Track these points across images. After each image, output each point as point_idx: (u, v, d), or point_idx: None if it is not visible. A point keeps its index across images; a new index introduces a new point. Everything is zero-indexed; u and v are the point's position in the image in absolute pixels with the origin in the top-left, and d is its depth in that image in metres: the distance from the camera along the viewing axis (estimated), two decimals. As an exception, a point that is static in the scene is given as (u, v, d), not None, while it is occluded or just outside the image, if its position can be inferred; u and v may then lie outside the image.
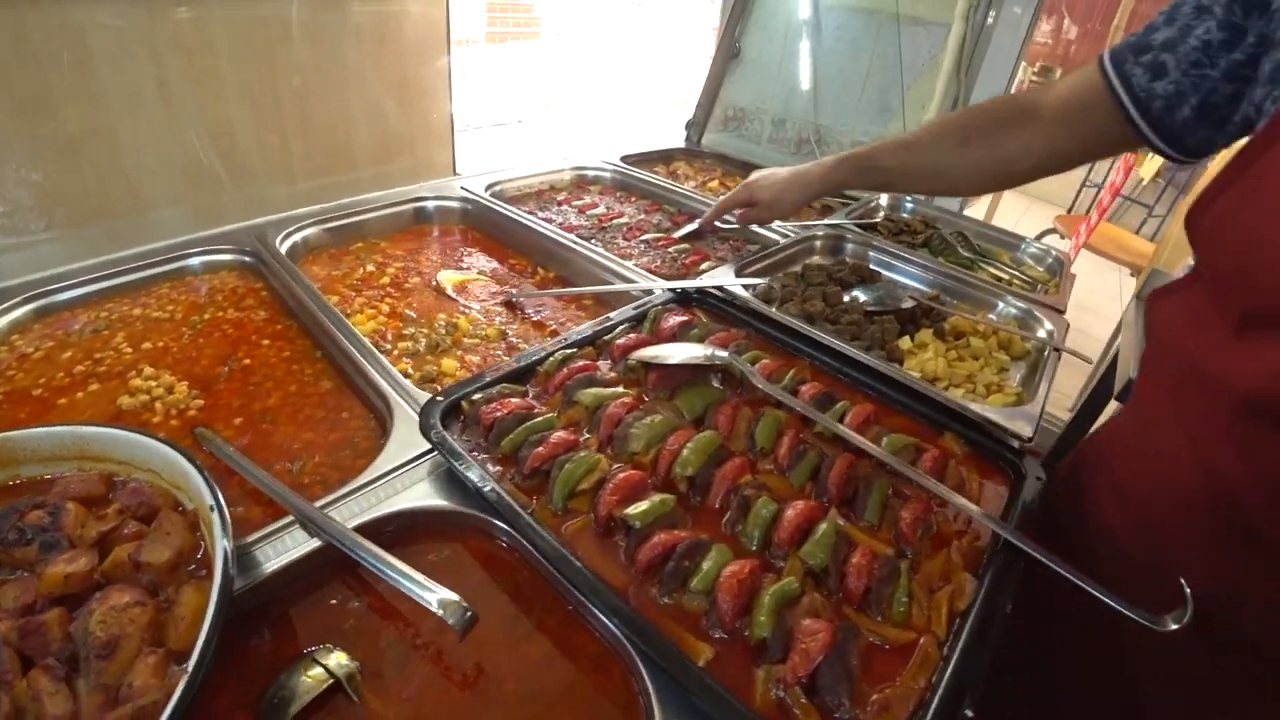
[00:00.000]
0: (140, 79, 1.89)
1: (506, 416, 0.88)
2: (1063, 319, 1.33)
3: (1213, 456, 0.69)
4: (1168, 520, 0.76)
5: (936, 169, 1.11)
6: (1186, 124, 0.81)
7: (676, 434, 0.85)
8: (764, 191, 1.33)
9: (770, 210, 1.35)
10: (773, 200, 1.32)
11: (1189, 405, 0.73)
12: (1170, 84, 0.80)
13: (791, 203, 1.31)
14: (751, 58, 2.18)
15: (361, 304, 1.35)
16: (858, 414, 0.91)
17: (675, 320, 1.07)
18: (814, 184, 1.27)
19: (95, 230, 1.86)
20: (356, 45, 2.62)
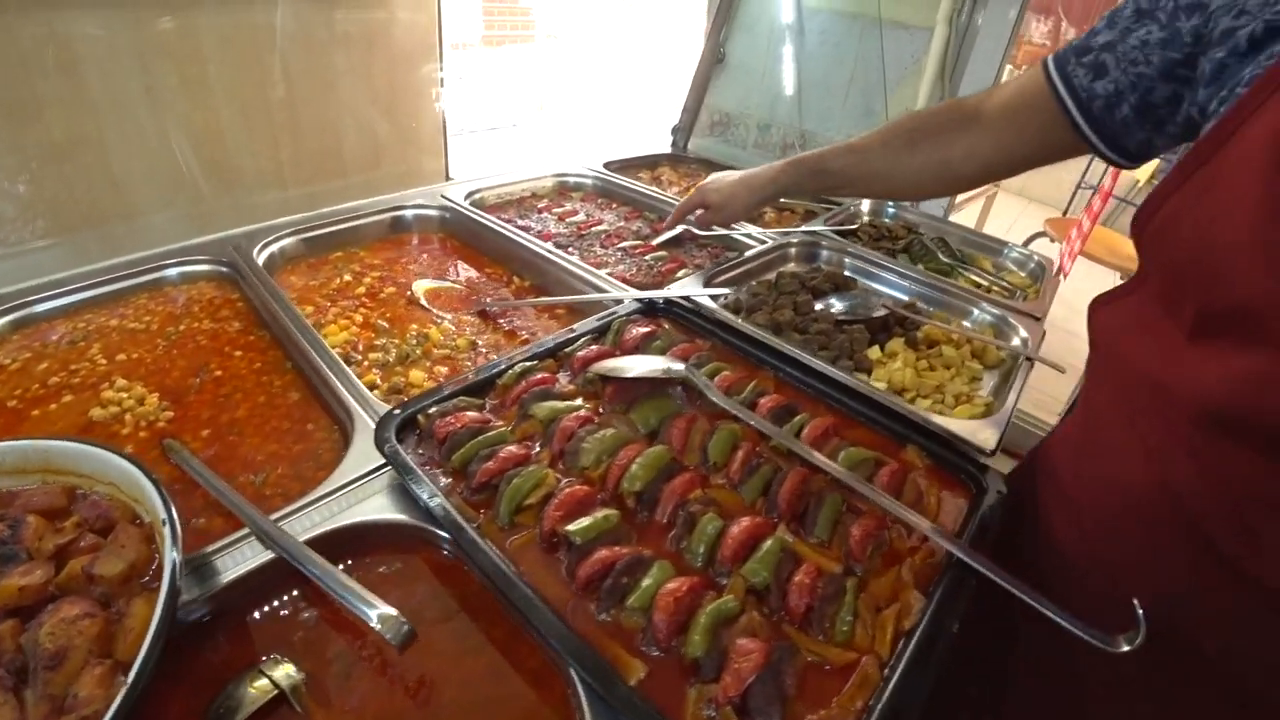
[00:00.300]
0: (128, 86, 1.91)
1: (459, 430, 0.88)
2: (1039, 326, 1.32)
3: (1168, 468, 0.68)
4: (1119, 533, 0.75)
5: (883, 172, 1.11)
6: (1126, 124, 0.81)
7: (627, 448, 0.85)
8: (714, 194, 1.33)
9: (721, 213, 1.34)
10: (722, 203, 1.32)
11: (1141, 415, 0.72)
12: (1110, 83, 0.80)
13: (742, 205, 1.30)
14: (736, 62, 2.18)
15: (335, 314, 1.36)
16: (815, 427, 0.91)
17: (638, 331, 1.07)
18: (763, 187, 1.26)
19: (85, 237, 1.88)
20: (346, 53, 2.64)
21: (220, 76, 2.28)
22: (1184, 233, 0.64)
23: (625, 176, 2.02)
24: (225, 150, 2.37)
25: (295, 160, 2.65)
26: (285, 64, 2.44)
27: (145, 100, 2.01)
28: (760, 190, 1.27)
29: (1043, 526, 0.86)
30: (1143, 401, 0.72)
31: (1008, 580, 0.70)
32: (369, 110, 2.82)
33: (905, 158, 1.07)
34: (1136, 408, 0.73)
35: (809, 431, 0.90)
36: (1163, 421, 0.68)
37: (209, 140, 2.29)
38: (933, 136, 1.04)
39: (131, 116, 1.96)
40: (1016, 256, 1.68)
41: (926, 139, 1.04)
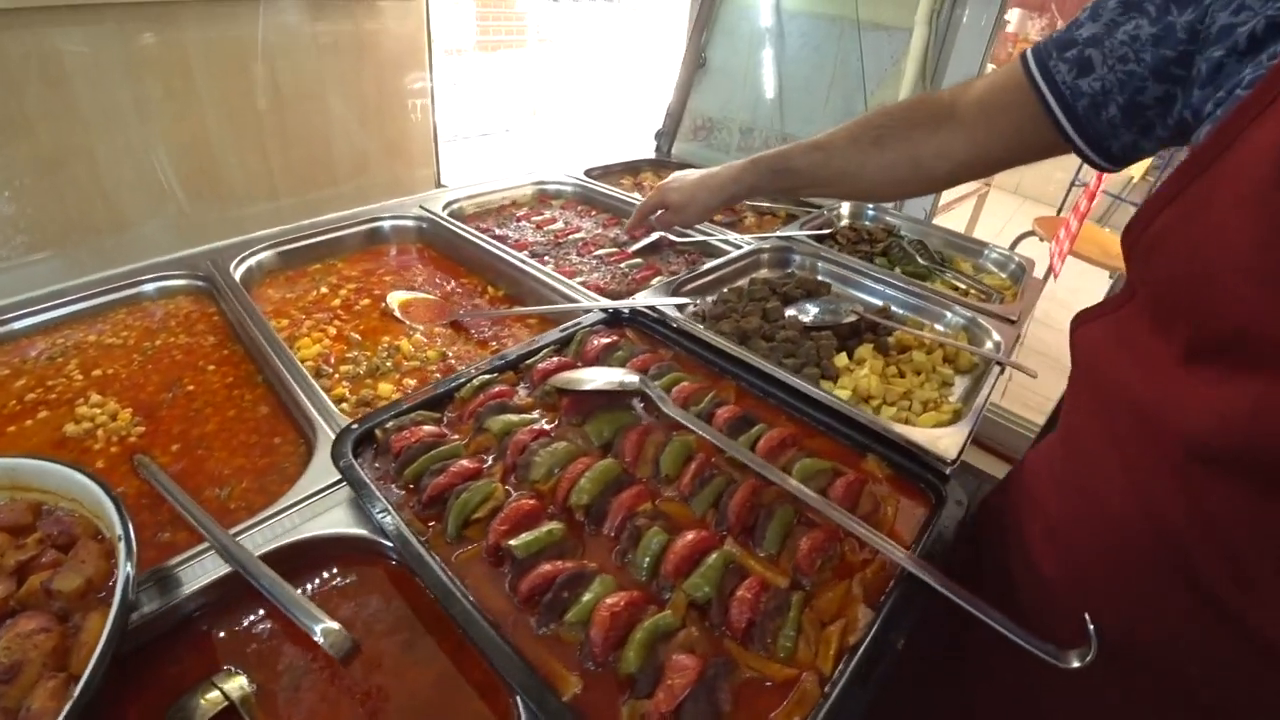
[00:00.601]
0: (116, 99, 1.93)
1: (413, 444, 0.89)
2: (1014, 329, 1.31)
3: (1154, 500, 0.64)
4: (1100, 560, 0.72)
5: (850, 171, 1.04)
6: (1113, 125, 0.75)
7: (579, 461, 0.85)
8: (674, 194, 1.27)
9: (681, 214, 1.28)
10: (682, 203, 1.26)
11: (1126, 441, 0.67)
12: (1096, 80, 0.74)
13: (702, 206, 1.24)
14: (718, 66, 2.18)
15: (310, 327, 1.37)
16: (772, 438, 0.90)
17: (600, 343, 1.07)
18: (723, 187, 1.20)
19: (77, 250, 1.90)
20: (334, 62, 2.66)
21: (209, 88, 2.30)
22: (1179, 249, 0.59)
23: (606, 183, 2.02)
24: (214, 161, 2.39)
25: (285, 170, 2.67)
26: (273, 75, 2.47)
27: (134, 113, 2.03)
28: (720, 191, 1.20)
29: (1016, 549, 0.84)
30: (1127, 427, 0.67)
31: (955, 592, 0.69)
32: (358, 119, 2.84)
33: (873, 156, 1.00)
34: (1120, 433, 0.68)
35: (764, 443, 0.90)
36: (1149, 450, 0.64)
37: (199, 151, 2.31)
38: (902, 133, 0.97)
39: (120, 129, 1.99)
40: (997, 258, 1.67)
41: (895, 136, 0.98)
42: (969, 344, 1.27)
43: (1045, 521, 0.82)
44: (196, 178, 2.36)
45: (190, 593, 0.79)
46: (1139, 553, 0.67)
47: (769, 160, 1.12)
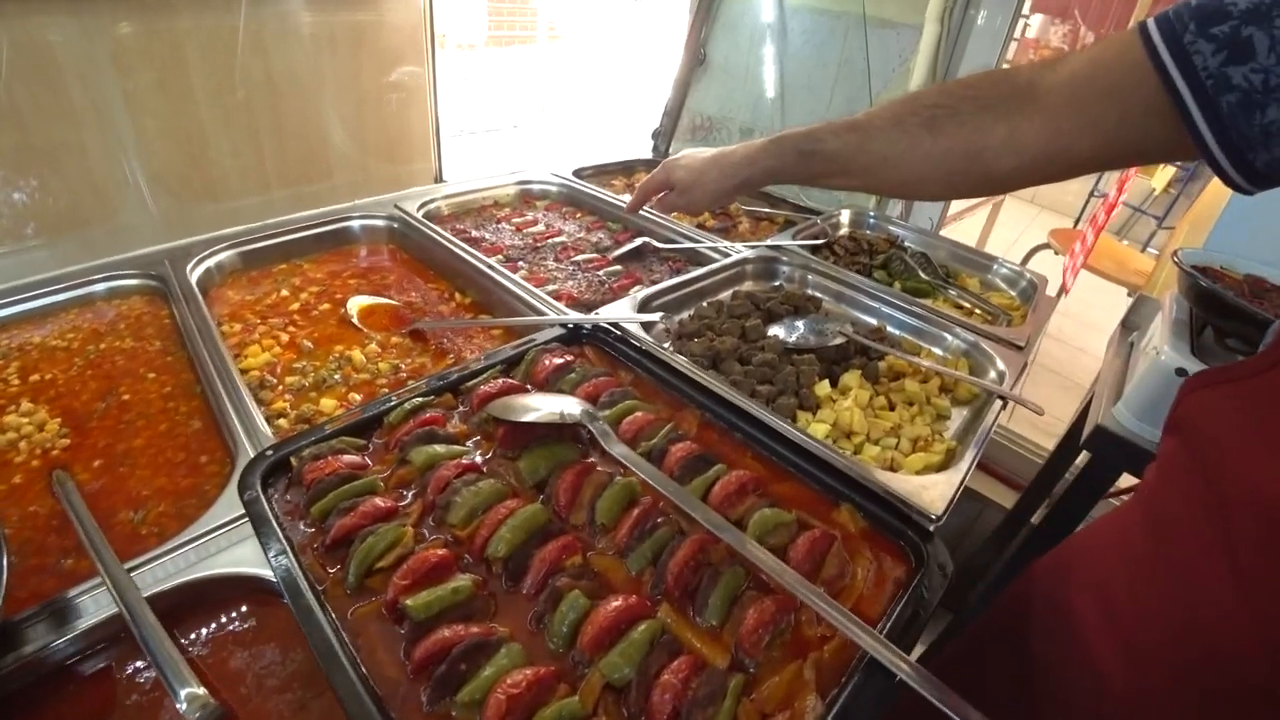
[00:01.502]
0: (106, 91, 1.88)
1: (326, 477, 0.79)
2: (1021, 357, 1.19)
3: (1269, 607, 0.53)
4: (1181, 673, 0.61)
5: (890, 158, 0.82)
6: (1267, 134, 0.56)
7: (504, 504, 0.75)
8: (680, 172, 1.08)
9: (686, 195, 1.08)
10: (689, 183, 1.06)
11: (1243, 547, 0.56)
12: (1257, 72, 0.55)
13: (711, 188, 1.04)
14: (718, 64, 2.07)
15: (263, 333, 1.29)
16: (729, 483, 0.80)
17: (552, 363, 0.97)
18: (737, 167, 1.00)
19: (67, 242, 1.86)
20: (331, 54, 2.59)
21: (202, 80, 2.24)
22: None
23: (597, 184, 1.92)
24: (206, 154, 2.33)
25: (278, 163, 2.60)
26: (267, 67, 2.40)
27: (124, 105, 1.98)
28: (734, 171, 1.00)
29: (1073, 624, 0.73)
30: (1248, 530, 0.56)
31: (928, 687, 0.58)
32: (355, 112, 2.77)
33: (922, 141, 0.79)
34: (1236, 534, 0.57)
35: (720, 488, 0.79)
36: (1264, 550, 0.53)
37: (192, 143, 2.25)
38: (964, 116, 0.76)
39: (111, 121, 1.93)
40: (1007, 274, 1.54)
41: (954, 119, 0.76)
42: (969, 373, 1.15)
43: (1106, 605, 0.70)
44: (188, 170, 2.30)
45: (89, 626, 0.73)
46: (1237, 682, 0.55)
47: (795, 139, 0.92)
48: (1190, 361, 1.08)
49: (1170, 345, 1.12)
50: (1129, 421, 1.14)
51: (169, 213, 2.26)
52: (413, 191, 1.77)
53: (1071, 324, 3.25)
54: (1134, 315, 1.49)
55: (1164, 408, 1.12)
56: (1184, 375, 1.08)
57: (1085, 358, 3.17)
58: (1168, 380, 1.08)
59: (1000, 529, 2.00)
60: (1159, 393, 1.10)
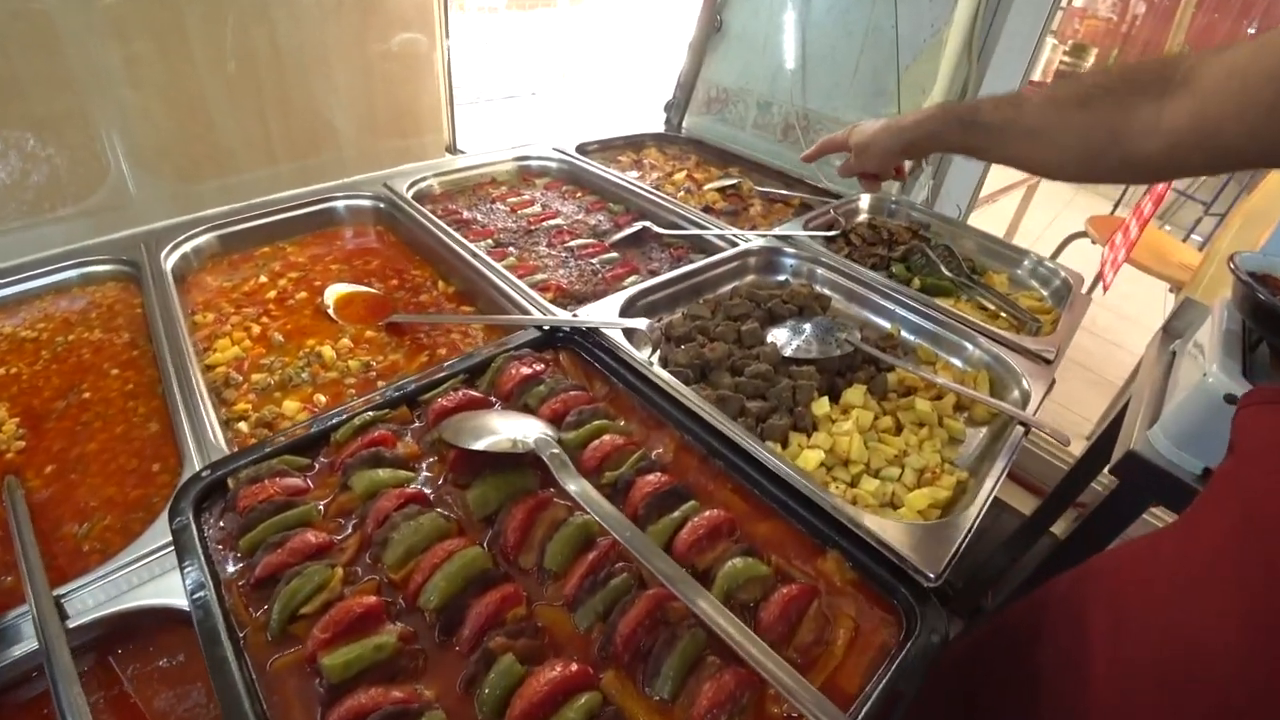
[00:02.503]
0: (107, 60, 1.84)
1: (260, 505, 0.73)
2: (1049, 372, 1.07)
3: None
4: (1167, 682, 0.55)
5: (1038, 131, 0.84)
6: None
7: (444, 544, 0.68)
8: (858, 135, 1.13)
9: (860, 157, 1.14)
10: (863, 145, 1.12)
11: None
12: None
13: (881, 150, 1.10)
14: (736, 32, 1.92)
15: (236, 324, 1.22)
16: (699, 526, 0.71)
17: (520, 373, 0.88)
18: (904, 130, 1.05)
19: (73, 217, 1.83)
20: (337, 21, 2.51)
21: (204, 49, 2.19)
22: None
23: (601, 160, 1.81)
24: (211, 126, 2.29)
25: (284, 135, 2.55)
26: (272, 35, 2.34)
27: (126, 74, 1.94)
28: (901, 134, 1.06)
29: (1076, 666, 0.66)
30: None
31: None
32: (363, 81, 2.69)
33: (1071, 117, 0.80)
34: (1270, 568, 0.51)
35: (689, 531, 0.71)
36: None
37: (195, 114, 2.20)
38: (1118, 96, 0.76)
39: (113, 90, 1.89)
40: (1039, 271, 1.40)
41: (1108, 96, 0.77)
42: (990, 389, 1.05)
43: (1115, 615, 0.65)
44: (193, 142, 2.26)
45: (20, 656, 0.69)
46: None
47: (959, 110, 0.97)
48: (1243, 387, 0.95)
49: (1220, 365, 0.99)
50: (1165, 449, 1.02)
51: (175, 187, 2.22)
52: (408, 168, 1.67)
53: (1106, 315, 3.02)
54: (1178, 320, 1.35)
55: (1208, 437, 1.01)
56: (1233, 402, 0.96)
57: (1119, 353, 2.96)
58: (1215, 407, 0.96)
59: (1016, 535, 1.89)
60: (1203, 420, 0.98)
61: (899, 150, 1.09)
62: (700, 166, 1.88)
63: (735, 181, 1.72)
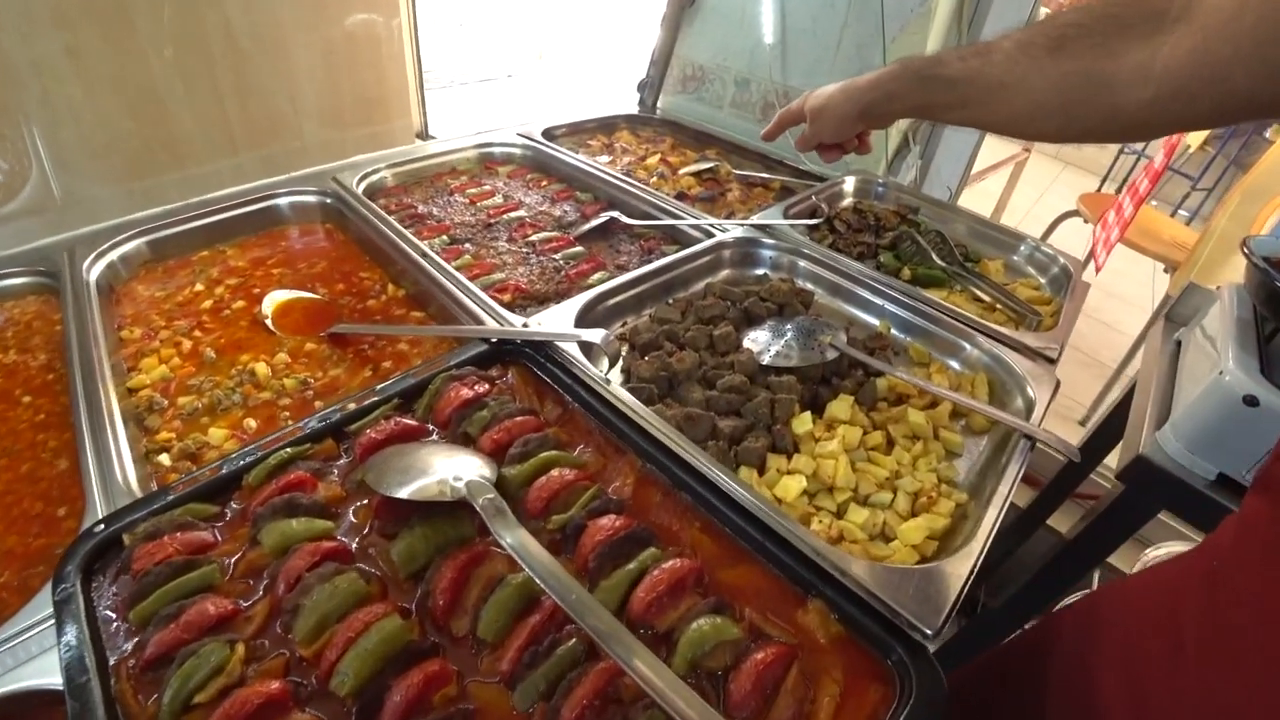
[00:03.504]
0: (47, 48, 1.71)
1: (156, 567, 0.63)
2: (1052, 373, 0.98)
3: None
4: None
5: (1008, 83, 0.73)
6: None
7: (360, 613, 0.58)
8: (812, 99, 1.02)
9: (816, 123, 1.02)
10: (818, 109, 1.00)
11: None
12: None
13: (836, 115, 0.97)
14: (711, 5, 1.79)
15: (165, 339, 1.12)
16: (659, 580, 0.61)
17: (461, 396, 0.78)
18: (860, 91, 0.93)
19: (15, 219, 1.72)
20: (294, 1, 2.39)
21: (151, 33, 2.06)
22: None
23: (569, 145, 1.69)
24: (165, 115, 2.16)
25: (244, 123, 2.43)
26: (225, 17, 2.20)
27: (69, 63, 1.82)
28: (858, 95, 0.93)
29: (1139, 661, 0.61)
30: None
31: None
32: (324, 64, 2.57)
33: (1045, 65, 0.70)
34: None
35: (647, 587, 0.61)
36: None
37: (145, 105, 2.08)
38: (1098, 35, 0.65)
39: (55, 82, 1.77)
40: (1035, 256, 1.31)
41: (1086, 38, 0.66)
42: (989, 393, 0.95)
43: (1135, 687, 0.61)
44: (145, 134, 2.13)
45: None
46: None
47: (919, 64, 0.85)
48: (1263, 386, 0.86)
49: (1236, 362, 0.90)
50: (1177, 453, 0.94)
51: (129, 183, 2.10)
52: (360, 159, 1.56)
53: (1096, 294, 2.93)
54: (1182, 307, 1.26)
55: (1225, 440, 0.92)
56: (1254, 404, 0.87)
57: (1112, 334, 2.88)
58: (1233, 408, 0.87)
59: (1013, 526, 1.82)
60: (1220, 422, 0.89)
61: (855, 114, 0.95)
62: (676, 149, 1.77)
63: (712, 165, 1.61)
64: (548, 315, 0.95)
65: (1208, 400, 0.92)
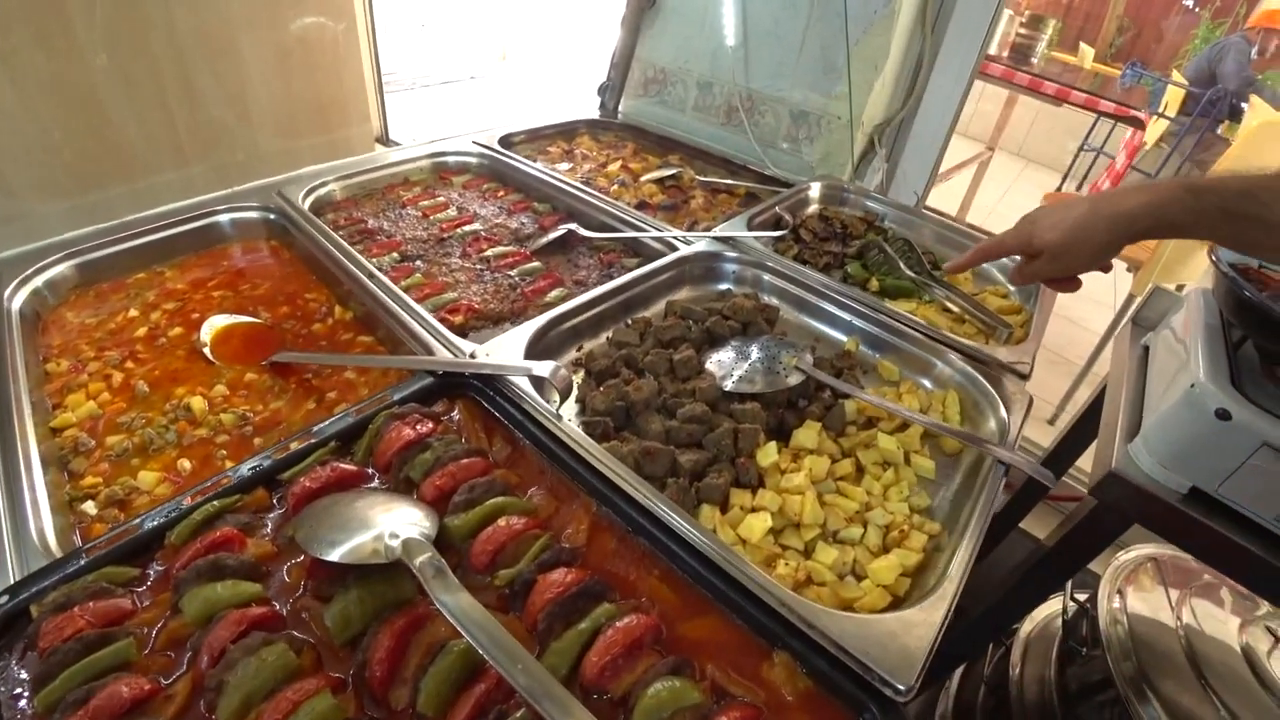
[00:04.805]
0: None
1: (64, 643, 0.57)
2: (1023, 390, 0.95)
3: None
4: None
5: None
6: None
7: (290, 689, 0.53)
8: (1047, 234, 0.84)
9: (1060, 260, 0.85)
10: (1064, 245, 0.83)
11: None
12: None
13: (1095, 246, 0.82)
14: (672, 6, 1.75)
15: (95, 371, 1.05)
16: (613, 640, 0.57)
17: (403, 436, 0.73)
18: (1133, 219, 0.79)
19: None
20: (244, 2, 2.30)
21: (90, 36, 1.96)
22: None
23: (527, 153, 1.64)
24: (107, 123, 2.07)
25: (193, 131, 2.34)
26: (169, 17, 2.11)
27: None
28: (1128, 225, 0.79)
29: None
30: None
31: None
32: (277, 69, 2.48)
33: None
34: None
35: (601, 647, 0.57)
36: None
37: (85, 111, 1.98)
38: None
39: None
40: (1003, 262, 1.28)
41: None
42: (960, 411, 0.93)
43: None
44: (86, 142, 2.04)
45: None
46: None
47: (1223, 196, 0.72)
48: (1235, 400, 0.84)
49: (1207, 374, 0.88)
50: (1150, 467, 0.92)
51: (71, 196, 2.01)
52: (305, 171, 1.48)
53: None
54: (1148, 310, 1.24)
55: (1198, 454, 0.90)
56: (1227, 419, 0.85)
57: (1078, 331, 2.90)
58: (1206, 422, 0.85)
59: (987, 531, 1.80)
60: (1191, 436, 0.87)
61: (1122, 243, 0.82)
62: (638, 155, 1.72)
63: (675, 171, 1.57)
64: (498, 342, 0.90)
65: (1179, 414, 0.90)
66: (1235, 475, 0.89)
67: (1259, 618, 1.16)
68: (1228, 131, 3.96)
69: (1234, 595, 1.24)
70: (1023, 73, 3.58)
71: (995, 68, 3.61)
